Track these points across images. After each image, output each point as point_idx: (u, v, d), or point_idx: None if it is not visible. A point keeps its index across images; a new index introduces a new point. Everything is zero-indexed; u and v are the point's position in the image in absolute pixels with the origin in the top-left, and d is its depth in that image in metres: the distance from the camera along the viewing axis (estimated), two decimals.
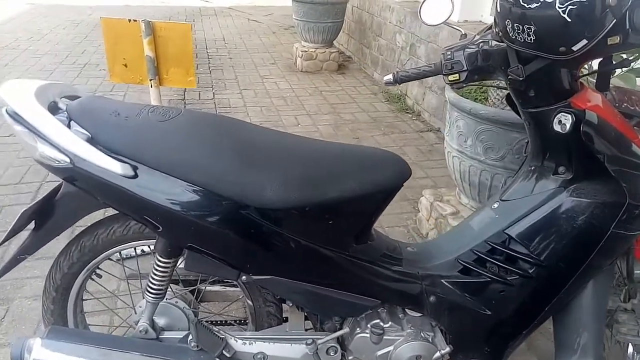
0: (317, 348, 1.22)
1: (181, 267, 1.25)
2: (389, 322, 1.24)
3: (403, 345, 1.23)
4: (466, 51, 1.13)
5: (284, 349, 1.24)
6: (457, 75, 1.14)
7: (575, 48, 0.99)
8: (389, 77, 1.24)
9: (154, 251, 1.23)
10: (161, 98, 2.69)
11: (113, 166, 1.04)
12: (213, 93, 4.43)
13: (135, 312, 1.34)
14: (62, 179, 1.14)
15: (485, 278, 1.23)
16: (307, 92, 4.56)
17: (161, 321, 1.32)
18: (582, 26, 0.97)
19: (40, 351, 1.12)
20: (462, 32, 1.29)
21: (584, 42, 0.98)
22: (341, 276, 1.20)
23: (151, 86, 2.59)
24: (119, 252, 1.30)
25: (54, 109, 1.11)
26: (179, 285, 1.41)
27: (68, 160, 1.04)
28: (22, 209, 1.17)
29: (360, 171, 1.15)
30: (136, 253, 1.37)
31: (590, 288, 1.24)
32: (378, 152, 1.22)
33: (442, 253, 1.30)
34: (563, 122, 1.09)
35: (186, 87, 3.43)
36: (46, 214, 1.21)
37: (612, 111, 1.14)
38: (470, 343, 1.30)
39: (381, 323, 1.24)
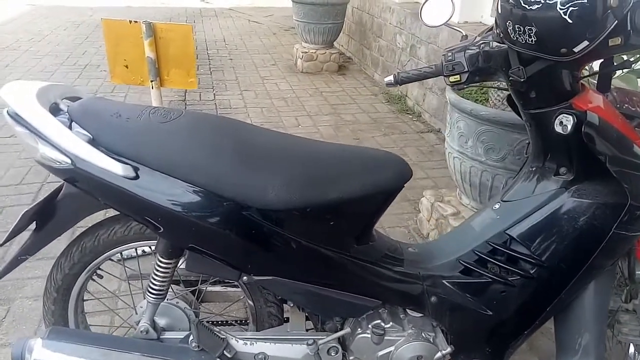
0: (318, 348, 1.22)
1: (182, 268, 1.25)
2: (390, 323, 1.24)
3: (404, 345, 1.22)
4: (467, 52, 1.13)
5: (285, 349, 1.24)
6: (458, 76, 1.14)
7: (576, 49, 0.99)
8: (390, 78, 1.24)
9: (155, 252, 1.23)
10: (162, 99, 2.69)
11: (114, 167, 1.04)
12: (214, 94, 4.43)
13: (136, 313, 1.34)
14: (63, 180, 1.14)
15: (486, 278, 1.23)
16: (308, 93, 4.56)
17: (162, 321, 1.32)
18: (584, 27, 0.97)
19: (41, 351, 1.12)
20: (463, 34, 1.29)
21: (585, 44, 0.98)
22: (342, 277, 1.20)
23: (152, 87, 2.59)
24: (120, 253, 1.30)
25: (55, 111, 1.11)
26: (180, 285, 1.41)
27: (69, 161, 1.04)
28: (23, 210, 1.17)
29: (361, 172, 1.15)
30: (137, 254, 1.37)
31: (591, 288, 1.24)
32: (379, 153, 1.22)
33: (443, 253, 1.30)
34: (564, 123, 1.08)
35: (187, 88, 3.43)
36: (47, 215, 1.21)
37: (614, 112, 1.14)
38: (471, 343, 1.30)
39: (382, 323, 1.24)
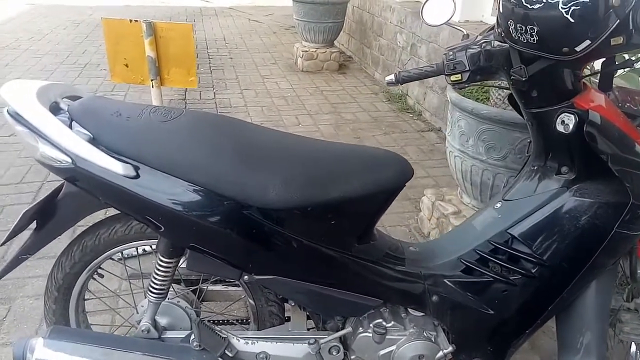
0: (320, 347, 1.22)
1: (183, 267, 1.25)
2: (392, 322, 1.24)
3: (406, 344, 1.22)
4: (468, 51, 1.12)
5: (287, 349, 1.24)
6: (460, 75, 1.13)
7: (578, 49, 0.99)
8: (391, 77, 1.24)
9: (156, 251, 1.23)
10: (162, 98, 2.69)
11: (115, 166, 1.04)
12: (214, 93, 4.43)
13: (137, 312, 1.34)
14: (64, 179, 1.14)
15: (488, 278, 1.23)
16: (308, 92, 4.56)
17: (163, 321, 1.32)
18: (586, 27, 0.96)
19: (42, 351, 1.12)
20: (464, 33, 1.29)
21: (587, 43, 0.98)
22: (343, 276, 1.20)
23: (152, 86, 2.59)
24: (121, 252, 1.30)
25: (56, 110, 1.11)
26: (181, 284, 1.41)
27: (70, 160, 1.04)
28: (24, 209, 1.17)
29: (362, 171, 1.15)
30: (138, 253, 1.37)
31: (593, 287, 1.24)
32: (380, 152, 1.22)
33: (445, 253, 1.30)
34: (566, 123, 1.08)
35: (187, 87, 3.43)
36: (48, 214, 1.21)
37: (615, 111, 1.14)
38: (473, 342, 1.29)
39: (384, 322, 1.23)
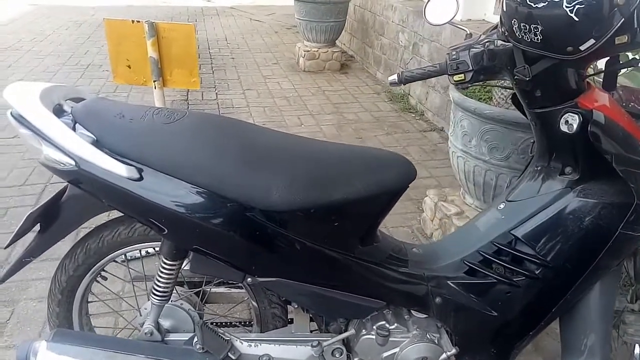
0: (323, 350, 1.22)
1: (186, 269, 1.25)
2: (395, 324, 1.24)
3: (409, 347, 1.22)
4: (471, 51, 1.12)
5: (290, 351, 1.24)
6: (463, 75, 1.13)
7: (582, 48, 0.98)
8: (394, 78, 1.24)
9: (159, 253, 1.23)
10: (165, 99, 2.68)
11: (118, 169, 1.04)
12: (216, 93, 4.43)
13: (140, 314, 1.34)
14: (67, 182, 1.14)
15: (491, 279, 1.22)
16: (310, 92, 4.56)
17: (166, 323, 1.31)
18: (590, 25, 0.96)
19: (45, 354, 1.12)
20: (467, 32, 1.28)
21: (592, 42, 0.97)
22: (347, 278, 1.19)
23: (155, 87, 2.59)
24: (124, 254, 1.30)
25: (59, 112, 1.11)
26: (184, 287, 1.41)
27: (73, 163, 1.04)
28: (27, 211, 1.17)
29: (365, 173, 1.14)
30: (141, 255, 1.37)
31: (597, 289, 1.24)
32: (383, 153, 1.22)
33: (448, 254, 1.29)
34: (570, 122, 1.08)
35: (190, 88, 3.42)
36: (51, 217, 1.21)
37: (620, 111, 1.14)
38: (476, 344, 1.29)
39: (387, 325, 1.23)
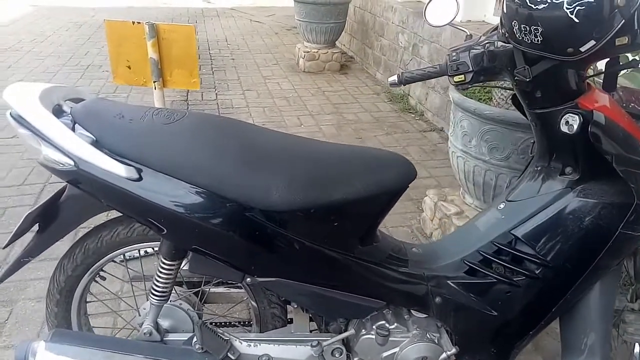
0: (323, 350, 1.22)
1: (185, 269, 1.25)
2: (395, 324, 1.24)
3: (409, 346, 1.22)
4: (472, 52, 1.12)
5: (289, 351, 1.24)
6: (463, 76, 1.13)
7: (583, 49, 0.98)
8: (394, 78, 1.24)
9: (158, 253, 1.23)
10: (164, 100, 2.68)
11: (117, 169, 1.04)
12: (216, 94, 4.42)
13: (139, 314, 1.34)
14: (66, 182, 1.14)
15: (491, 279, 1.22)
16: (310, 93, 4.56)
17: (165, 323, 1.31)
18: (590, 27, 0.96)
19: (44, 354, 1.12)
20: (468, 33, 1.28)
21: (592, 43, 0.97)
22: (346, 278, 1.19)
23: (155, 88, 2.59)
24: (123, 254, 1.30)
25: (59, 112, 1.11)
26: (183, 287, 1.40)
27: (72, 163, 1.04)
28: (26, 211, 1.17)
29: (365, 173, 1.14)
30: (140, 255, 1.36)
31: (597, 288, 1.24)
32: (383, 153, 1.22)
33: (448, 254, 1.29)
34: (570, 123, 1.08)
35: (190, 89, 3.43)
36: (50, 217, 1.21)
37: (620, 111, 1.14)
38: (476, 344, 1.29)
39: (387, 324, 1.23)
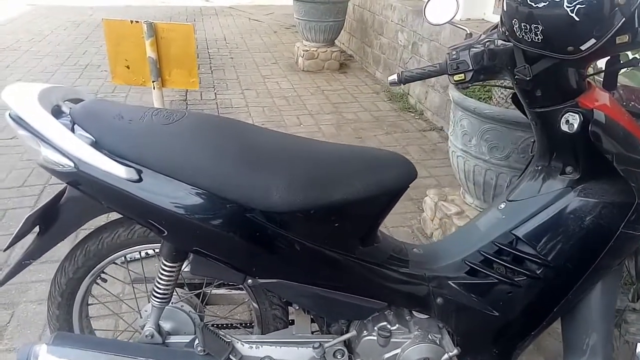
0: (324, 351, 1.21)
1: (186, 271, 1.24)
2: (396, 325, 1.23)
3: (410, 347, 1.22)
4: (472, 51, 1.11)
5: (291, 353, 1.23)
6: (463, 75, 1.12)
7: (583, 47, 0.98)
8: (394, 78, 1.23)
9: (159, 255, 1.22)
10: (163, 99, 2.68)
11: (117, 170, 1.04)
12: (215, 93, 4.42)
13: (140, 317, 1.33)
14: (66, 183, 1.13)
15: (492, 279, 1.22)
16: (309, 92, 4.55)
17: (167, 325, 1.31)
18: (591, 25, 0.96)
19: (46, 357, 1.12)
20: (467, 31, 1.28)
21: (593, 42, 0.97)
22: (347, 279, 1.19)
23: (153, 88, 2.58)
24: (124, 256, 1.29)
25: (58, 113, 1.10)
26: (185, 288, 1.40)
27: (72, 164, 1.04)
28: (26, 213, 1.17)
29: (365, 173, 1.14)
30: (141, 256, 1.36)
31: (598, 288, 1.23)
32: (383, 154, 1.21)
33: (449, 254, 1.29)
34: (570, 122, 1.07)
35: (188, 89, 3.42)
36: (50, 219, 1.20)
37: (620, 110, 1.13)
38: (478, 345, 1.29)
39: (388, 325, 1.23)
